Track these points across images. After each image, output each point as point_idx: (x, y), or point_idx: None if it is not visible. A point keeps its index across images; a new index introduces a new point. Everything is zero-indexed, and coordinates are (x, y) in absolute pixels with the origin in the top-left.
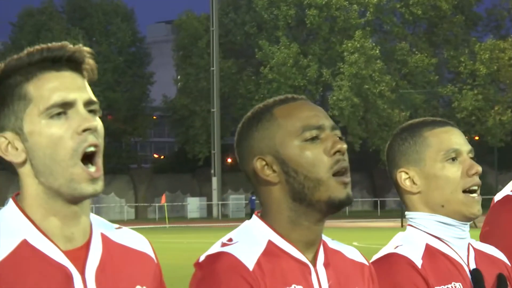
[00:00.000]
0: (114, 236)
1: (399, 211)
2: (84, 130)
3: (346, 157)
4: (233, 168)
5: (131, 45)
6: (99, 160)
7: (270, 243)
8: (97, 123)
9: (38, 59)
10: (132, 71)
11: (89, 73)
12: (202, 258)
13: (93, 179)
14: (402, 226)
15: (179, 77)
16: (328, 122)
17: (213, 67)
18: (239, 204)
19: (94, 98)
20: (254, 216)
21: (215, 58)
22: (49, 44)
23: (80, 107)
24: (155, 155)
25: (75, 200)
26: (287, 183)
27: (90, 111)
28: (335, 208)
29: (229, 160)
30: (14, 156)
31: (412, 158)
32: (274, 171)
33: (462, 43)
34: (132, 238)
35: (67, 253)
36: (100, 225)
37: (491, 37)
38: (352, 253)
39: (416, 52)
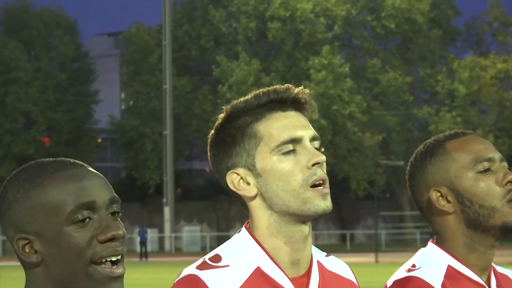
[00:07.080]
0: (327, 264)
1: (372, 246)
2: (314, 165)
3: None
4: (186, 196)
5: (74, 60)
6: (327, 184)
7: (450, 267)
8: (324, 157)
9: (265, 101)
10: (75, 89)
11: (311, 112)
12: (389, 283)
13: (323, 195)
14: (376, 262)
15: (122, 95)
16: (497, 155)
17: (165, 84)
18: (193, 236)
19: (317, 135)
20: (430, 243)
21: (167, 74)
22: (275, 87)
23: (307, 143)
24: None
25: (308, 219)
26: (462, 212)
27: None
28: (508, 231)
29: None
30: (247, 190)
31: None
32: (449, 201)
33: (439, 60)
34: (340, 266)
35: (292, 280)
36: (315, 253)
37: (471, 54)
38: None
39: (389, 70)
